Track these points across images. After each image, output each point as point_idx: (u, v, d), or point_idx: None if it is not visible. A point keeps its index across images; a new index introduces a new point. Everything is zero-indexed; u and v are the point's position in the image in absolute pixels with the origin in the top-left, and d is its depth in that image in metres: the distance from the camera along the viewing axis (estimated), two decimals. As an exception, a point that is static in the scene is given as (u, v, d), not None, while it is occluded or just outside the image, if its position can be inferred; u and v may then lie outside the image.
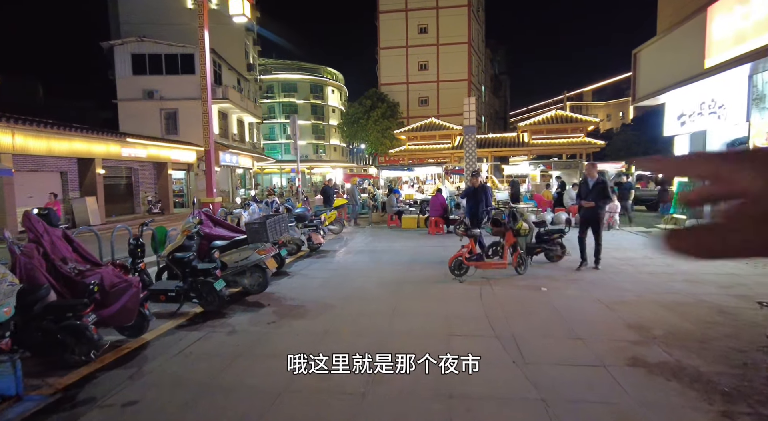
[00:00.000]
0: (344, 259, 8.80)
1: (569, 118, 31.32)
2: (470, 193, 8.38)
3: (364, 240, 11.33)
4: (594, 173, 7.25)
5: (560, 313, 5.05)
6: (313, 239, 9.46)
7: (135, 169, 22.92)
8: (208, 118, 9.48)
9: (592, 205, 6.99)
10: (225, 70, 31.61)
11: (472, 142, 11.42)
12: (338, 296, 6.00)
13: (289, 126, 13.28)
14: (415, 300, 5.72)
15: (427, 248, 9.69)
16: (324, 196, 14.48)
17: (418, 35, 42.48)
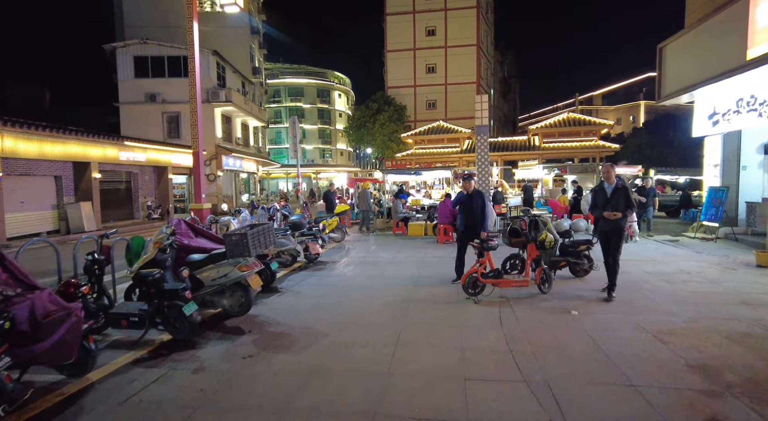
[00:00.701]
0: (343, 272, 7.93)
1: (582, 120, 30.30)
2: (463, 200, 6.93)
3: (367, 249, 10.46)
4: (612, 177, 5.95)
5: (600, 346, 4.13)
6: (310, 250, 8.62)
7: (134, 174, 22.30)
8: (197, 118, 8.69)
9: (617, 217, 5.67)
10: (229, 73, 31.06)
11: (484, 144, 10.53)
12: (332, 320, 5.12)
13: (294, 131, 12.44)
14: (422, 327, 4.82)
15: (435, 260, 8.79)
16: (326, 202, 13.68)
17: (425, 37, 41.74)
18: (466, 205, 6.90)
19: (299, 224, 8.25)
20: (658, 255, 9.08)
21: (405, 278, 7.26)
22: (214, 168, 28.14)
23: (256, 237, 5.17)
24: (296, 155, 12.55)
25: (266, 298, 6.19)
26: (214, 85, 28.13)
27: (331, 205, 13.54)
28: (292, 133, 12.44)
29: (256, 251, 5.21)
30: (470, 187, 6.94)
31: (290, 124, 12.51)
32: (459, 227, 7.24)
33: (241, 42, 36.15)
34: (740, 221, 10.84)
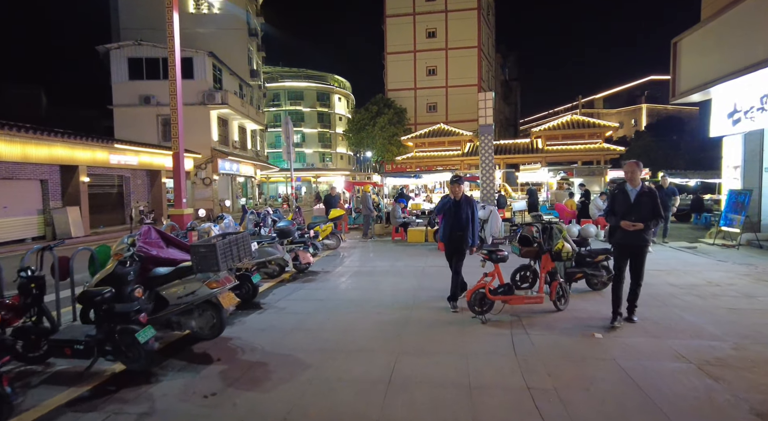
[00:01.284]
0: (335, 284, 7.20)
1: (586, 123, 29.62)
2: (449, 207, 5.71)
3: (363, 258, 9.74)
4: (638, 178, 4.83)
5: (636, 382, 3.41)
6: (300, 259, 7.91)
7: (126, 178, 21.63)
8: (177, 116, 8.01)
9: (640, 227, 4.56)
10: (226, 75, 30.48)
11: (488, 145, 9.83)
12: (317, 345, 4.40)
13: (287, 132, 11.74)
14: (421, 355, 4.10)
15: (435, 270, 8.06)
16: (326, 206, 12.99)
17: (426, 40, 41.19)
18: (451, 214, 5.72)
19: (287, 231, 7.54)
20: (678, 264, 8.34)
21: (403, 291, 6.54)
22: (210, 172, 27.50)
23: (227, 248, 4.46)
24: (290, 158, 11.83)
25: (245, 316, 5.48)
26: (210, 87, 27.55)
27: (328, 208, 12.85)
28: (285, 134, 11.75)
29: (228, 264, 4.49)
30: (459, 193, 5.71)
31: (283, 125, 11.81)
32: (440, 238, 6.08)
33: (239, 44, 35.61)
34: (764, 227, 10.12)
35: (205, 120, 27.44)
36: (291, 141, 12.05)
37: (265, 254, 7.24)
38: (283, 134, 12.10)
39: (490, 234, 9.47)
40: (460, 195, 5.71)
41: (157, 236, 5.54)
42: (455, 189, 5.71)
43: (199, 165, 27.06)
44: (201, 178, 27.33)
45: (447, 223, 5.80)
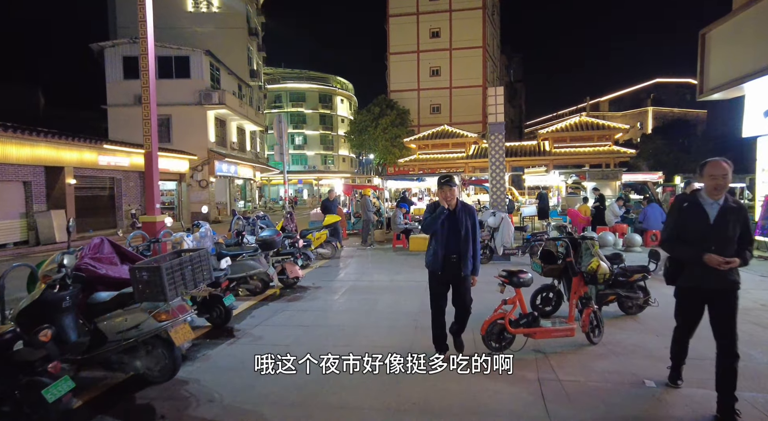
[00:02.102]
0: (325, 303, 6.26)
1: (595, 125, 28.67)
2: (443, 218, 4.11)
3: (360, 269, 8.79)
4: (725, 187, 3.08)
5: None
6: (287, 272, 6.98)
7: (118, 180, 20.78)
8: (150, 110, 7.12)
9: (734, 265, 2.96)
10: (224, 75, 29.66)
11: (499, 144, 8.89)
12: (291, 396, 3.44)
13: (280, 131, 10.83)
14: (424, 416, 3.14)
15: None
16: (324, 211, 12.01)
17: (430, 40, 40.34)
18: (444, 229, 4.10)
19: (271, 242, 6.61)
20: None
21: (403, 314, 5.59)
22: (206, 174, 26.65)
23: (178, 271, 3.53)
24: (283, 159, 10.93)
25: (213, 347, 4.54)
26: (207, 86, 26.73)
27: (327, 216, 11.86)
28: (278, 133, 10.85)
29: (179, 291, 3.56)
30: (452, 199, 4.09)
31: (275, 123, 10.92)
32: (428, 263, 4.31)
33: (239, 44, 34.84)
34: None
35: (201, 121, 26.62)
36: (284, 141, 11.14)
37: (246, 268, 6.32)
38: (275, 133, 11.21)
39: (501, 244, 8.52)
40: (454, 202, 4.10)
41: (111, 249, 4.65)
42: (447, 194, 4.05)
43: (195, 167, 26.21)
44: (197, 181, 26.48)
45: (439, 242, 4.10)
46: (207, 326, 5.11)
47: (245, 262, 6.33)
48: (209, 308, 5.05)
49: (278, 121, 11.10)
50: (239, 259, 6.35)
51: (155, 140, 7.35)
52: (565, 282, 5.12)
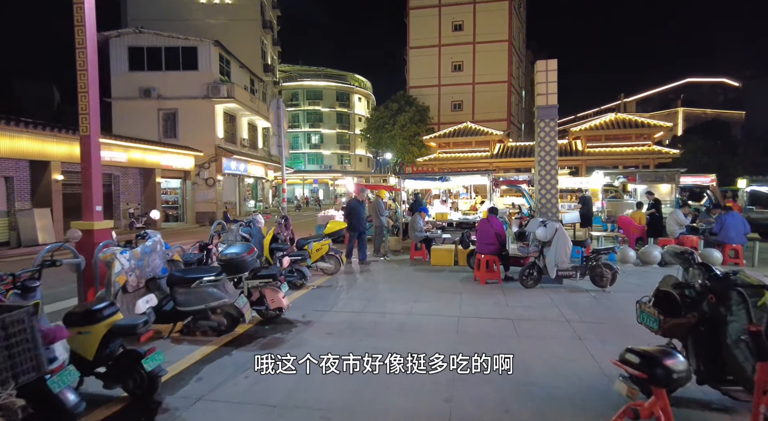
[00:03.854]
0: (311, 356, 4.32)
1: (633, 122, 26.16)
2: None
3: (369, 292, 6.85)
4: None
5: None
6: (267, 302, 5.11)
7: (116, 176, 19.37)
8: (86, 81, 5.30)
9: None
10: (235, 68, 28.18)
11: (550, 134, 6.86)
12: None
13: (278, 118, 8.95)
14: None
15: (481, 325, 5.13)
16: (349, 216, 9.50)
17: (452, 33, 38.18)
18: None
19: (238, 264, 4.74)
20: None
21: (430, 383, 3.59)
22: (214, 171, 25.13)
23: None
24: (281, 152, 9.11)
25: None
26: (216, 79, 25.23)
27: (358, 220, 9.36)
28: (274, 120, 9.02)
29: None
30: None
31: (272, 108, 9.10)
32: None
33: (251, 37, 33.42)
34: None
35: (209, 115, 25.14)
36: (282, 131, 9.30)
37: (204, 299, 4.47)
38: (271, 120, 9.38)
39: (554, 264, 6.48)
40: None
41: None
42: None
43: (202, 164, 24.71)
44: (204, 179, 24.99)
45: None
46: (122, 398, 3.25)
47: (203, 290, 4.49)
48: (121, 373, 3.19)
49: (276, 107, 9.27)
50: (195, 285, 4.51)
51: (95, 119, 5.54)
52: (695, 345, 3.08)
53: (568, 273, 6.68)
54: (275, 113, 9.37)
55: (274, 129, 9.46)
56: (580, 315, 5.40)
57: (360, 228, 9.45)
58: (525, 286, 6.84)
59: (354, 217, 9.50)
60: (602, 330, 4.83)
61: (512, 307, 5.81)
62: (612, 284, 6.62)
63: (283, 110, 9.51)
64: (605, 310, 5.64)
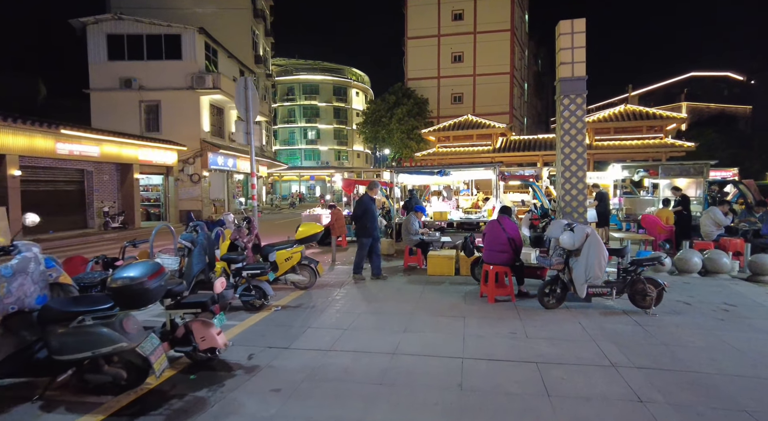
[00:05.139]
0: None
1: (645, 114, 24.66)
2: None
3: (345, 318, 5.33)
4: None
5: None
6: (195, 339, 3.65)
7: (89, 172, 17.90)
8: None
9: None
10: (223, 58, 26.64)
11: (577, 112, 5.37)
12: None
13: (245, 99, 7.42)
14: None
15: (499, 376, 3.65)
16: (363, 217, 7.36)
17: (452, 22, 36.56)
18: None
19: (138, 294, 3.23)
20: None
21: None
22: (199, 167, 23.64)
23: None
24: (250, 140, 7.63)
25: None
26: (201, 69, 23.66)
27: (373, 223, 7.35)
28: (240, 103, 7.54)
29: None
30: None
31: (238, 87, 7.61)
32: None
33: (242, 26, 31.87)
34: None
35: (193, 107, 23.62)
36: (251, 115, 7.82)
37: (90, 343, 3.01)
38: (237, 103, 7.90)
39: (585, 280, 5.01)
40: None
41: None
42: None
43: (186, 159, 23.21)
44: (188, 175, 23.49)
45: None
46: None
47: (89, 330, 3.02)
48: None
49: (242, 87, 7.77)
50: (77, 323, 3.04)
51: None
52: None
53: (601, 290, 5.21)
54: (242, 94, 7.88)
55: (241, 113, 7.98)
56: (628, 354, 3.93)
57: (375, 234, 7.42)
58: (545, 306, 5.38)
59: (368, 218, 7.29)
60: (667, 382, 3.37)
61: (534, 340, 4.34)
62: (657, 304, 5.16)
63: (252, 91, 8.03)
64: (659, 345, 4.17)
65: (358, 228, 7.35)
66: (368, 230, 7.29)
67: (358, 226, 7.33)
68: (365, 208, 7.33)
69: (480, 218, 10.41)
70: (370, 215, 7.32)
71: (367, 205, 7.36)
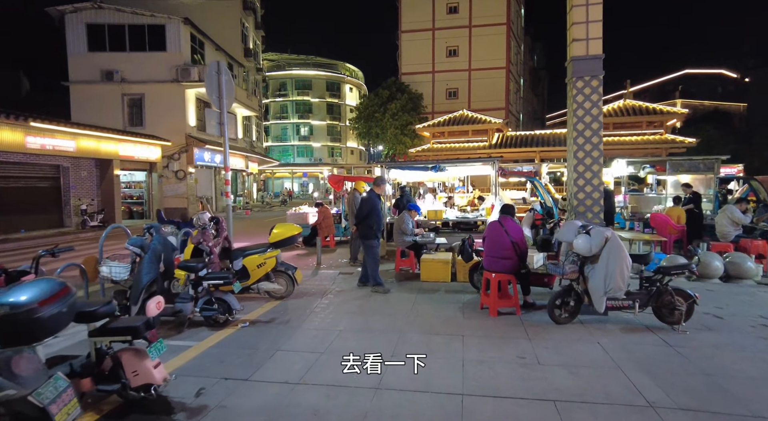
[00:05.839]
0: None
1: (645, 109, 24.02)
2: None
3: (321, 338, 4.52)
4: None
5: None
6: (127, 375, 2.85)
7: (64, 168, 16.94)
8: None
9: None
10: (210, 50, 25.67)
11: (592, 96, 4.61)
12: None
13: (218, 86, 6.56)
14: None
15: (502, 410, 2.90)
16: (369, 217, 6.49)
17: (446, 15, 35.73)
18: None
19: (23, 325, 2.45)
20: None
21: None
22: (184, 163, 22.71)
23: None
24: (223, 131, 6.82)
25: None
26: (186, 61, 22.69)
27: (379, 225, 6.58)
28: (214, 89, 6.72)
29: None
30: None
31: (208, 72, 6.77)
32: None
33: (231, 18, 30.87)
34: None
35: (179, 101, 22.67)
36: (223, 103, 7.01)
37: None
38: (207, 88, 7.08)
39: (604, 291, 4.26)
40: None
41: None
42: None
43: (171, 155, 22.29)
44: (173, 171, 22.56)
45: None
46: None
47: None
48: None
49: (215, 71, 6.96)
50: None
51: None
52: None
53: (622, 303, 4.46)
54: (214, 79, 7.06)
55: (213, 101, 7.17)
56: (666, 389, 3.19)
57: (378, 237, 6.66)
58: (556, 321, 4.63)
59: (375, 218, 6.46)
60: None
61: (548, 368, 3.59)
62: (687, 320, 4.43)
63: (226, 76, 7.21)
64: (700, 375, 3.43)
65: (364, 229, 6.49)
66: (375, 231, 6.51)
67: (364, 227, 6.49)
68: (372, 207, 6.50)
69: (478, 217, 9.65)
70: (376, 214, 6.52)
71: (374, 204, 6.54)
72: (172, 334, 4.53)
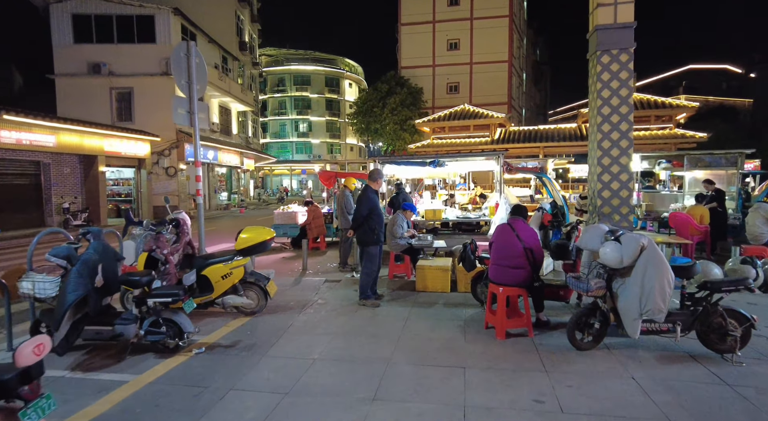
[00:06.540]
0: None
1: (653, 102, 23.11)
2: None
3: (289, 371, 3.72)
4: None
5: None
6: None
7: (45, 164, 16.12)
8: None
9: None
10: (202, 43, 24.75)
11: (620, 74, 3.73)
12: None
13: (187, 69, 5.68)
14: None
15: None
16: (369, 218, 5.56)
17: (447, 8, 34.72)
18: None
19: None
20: None
21: None
22: (175, 159, 21.89)
23: None
24: (192, 121, 5.99)
25: None
26: (177, 53, 21.73)
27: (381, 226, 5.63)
28: (182, 72, 5.87)
29: None
30: None
31: (175, 54, 5.90)
32: None
33: (225, 10, 30.01)
34: None
35: (169, 95, 21.60)
36: (195, 89, 6.17)
37: None
38: (174, 72, 6.23)
39: (639, 313, 3.42)
40: None
41: None
42: None
43: (161, 151, 21.45)
44: (163, 168, 21.74)
45: None
46: None
47: None
48: None
49: (183, 52, 6.11)
50: None
51: None
52: None
53: (660, 327, 3.61)
54: (182, 62, 6.21)
55: (181, 87, 6.33)
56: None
57: (381, 241, 5.71)
58: (578, 347, 3.79)
59: (376, 219, 5.52)
60: None
61: (575, 417, 2.75)
62: (743, 347, 3.59)
63: (197, 59, 6.36)
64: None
65: (364, 233, 5.54)
66: (377, 235, 5.55)
67: (363, 230, 5.52)
68: (372, 206, 5.49)
69: (480, 217, 8.80)
70: (377, 214, 5.51)
71: (373, 202, 5.53)
72: (109, 364, 3.70)
